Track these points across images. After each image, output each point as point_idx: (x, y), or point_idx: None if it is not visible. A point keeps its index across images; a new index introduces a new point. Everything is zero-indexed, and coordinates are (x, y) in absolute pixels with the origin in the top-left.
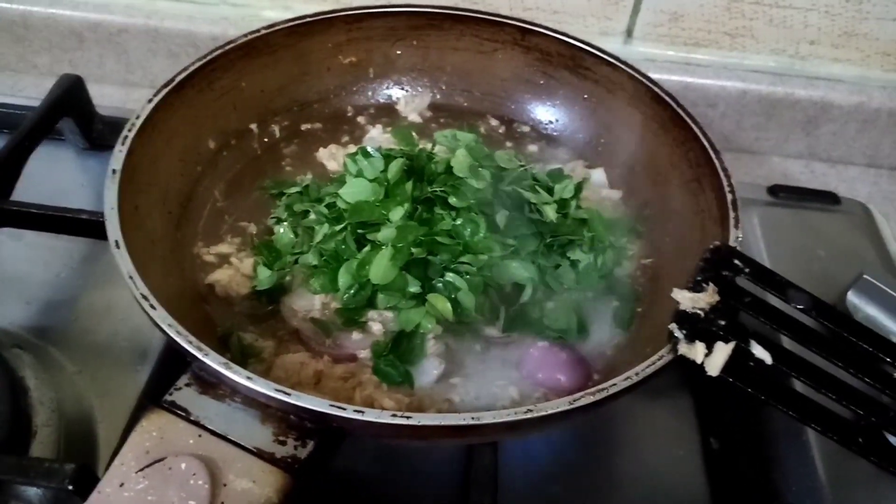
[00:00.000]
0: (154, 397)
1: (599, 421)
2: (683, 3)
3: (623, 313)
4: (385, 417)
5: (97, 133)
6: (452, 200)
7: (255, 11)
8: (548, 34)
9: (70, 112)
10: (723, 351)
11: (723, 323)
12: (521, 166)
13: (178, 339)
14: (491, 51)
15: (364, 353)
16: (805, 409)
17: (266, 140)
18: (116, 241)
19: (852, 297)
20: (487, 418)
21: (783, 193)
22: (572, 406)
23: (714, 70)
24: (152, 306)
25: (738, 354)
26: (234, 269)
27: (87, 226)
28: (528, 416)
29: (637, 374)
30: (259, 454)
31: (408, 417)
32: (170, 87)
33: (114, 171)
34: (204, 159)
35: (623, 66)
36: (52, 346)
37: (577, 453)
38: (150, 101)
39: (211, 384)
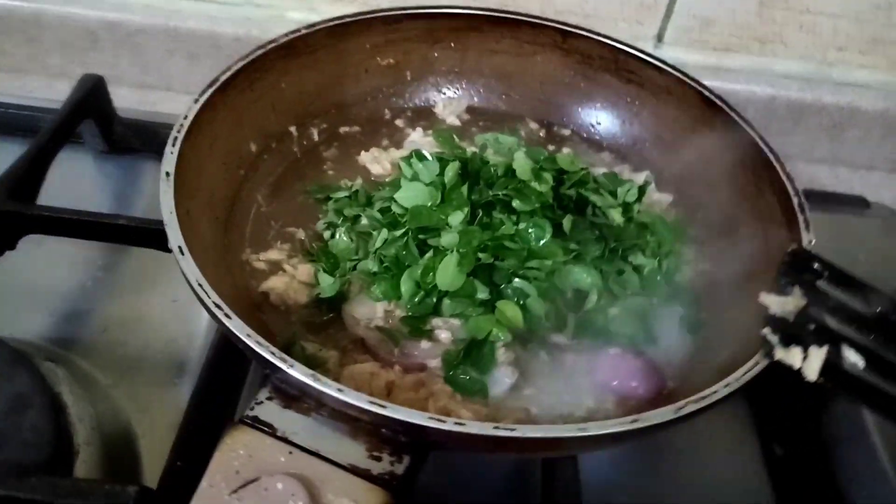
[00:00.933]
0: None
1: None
2: (715, 9)
3: (689, 320)
4: (488, 430)
5: (117, 136)
6: (516, 204)
7: (280, 13)
8: (590, 37)
9: (91, 114)
10: (818, 355)
11: (812, 327)
12: (583, 169)
13: (260, 351)
14: (531, 53)
15: (433, 363)
16: None
17: (305, 143)
18: (180, 248)
19: None
20: (594, 429)
21: (814, 198)
22: (678, 415)
23: (744, 75)
24: (227, 315)
25: (829, 359)
26: (289, 277)
27: (127, 232)
28: (635, 426)
29: (736, 379)
30: (355, 471)
31: (512, 430)
32: (215, 87)
33: (167, 174)
34: (246, 163)
35: (670, 69)
36: (82, 360)
37: (638, 464)
38: (196, 100)
39: (294, 397)
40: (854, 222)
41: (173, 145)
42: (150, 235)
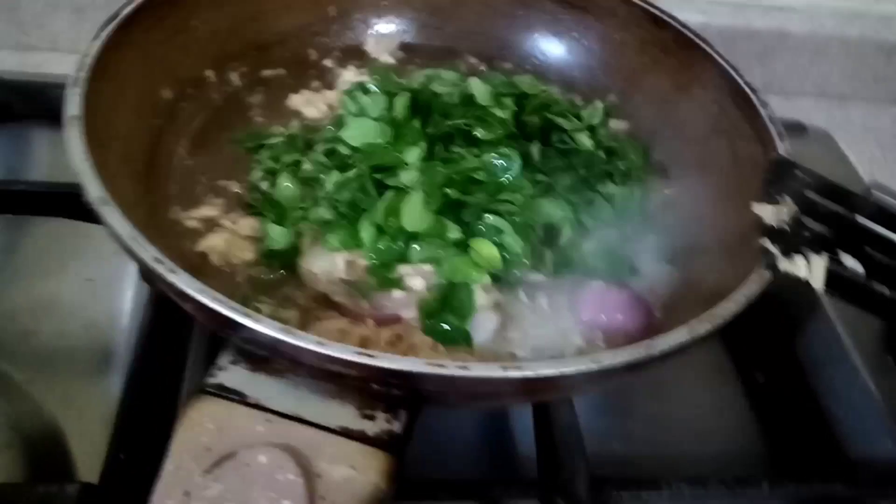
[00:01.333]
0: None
1: None
2: None
3: (666, 249)
4: (496, 371)
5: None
6: (480, 133)
7: None
8: None
9: None
10: (820, 263)
11: (808, 235)
12: (544, 90)
13: (218, 307)
14: None
15: (408, 314)
16: None
17: (226, 89)
18: (102, 198)
19: None
20: (608, 360)
21: None
22: (693, 336)
23: (675, 3)
24: (172, 270)
25: (829, 267)
26: (229, 233)
27: (29, 199)
28: (650, 352)
29: (745, 296)
30: (348, 434)
31: (519, 368)
32: (116, 23)
33: (74, 118)
34: (162, 111)
35: None
36: None
37: (620, 407)
38: (96, 37)
39: (262, 359)
40: (793, 148)
41: (76, 85)
42: (58, 201)
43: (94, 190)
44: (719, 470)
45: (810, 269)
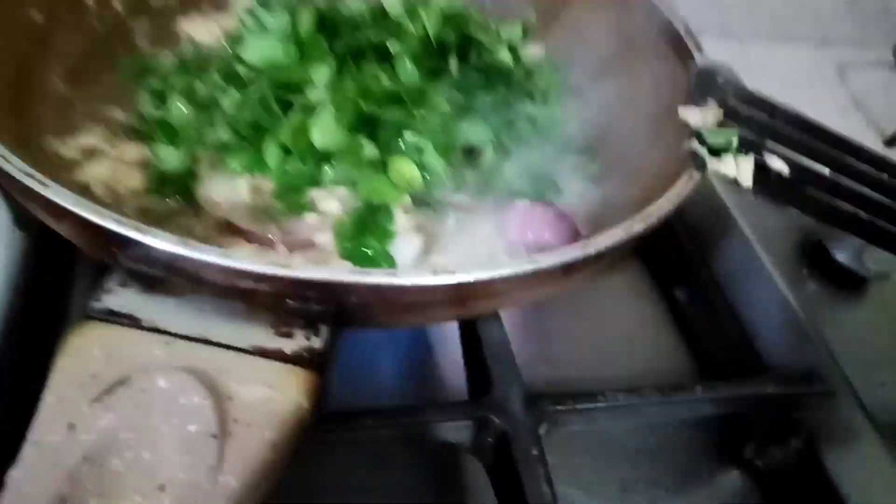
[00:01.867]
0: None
1: None
2: None
3: (587, 167)
4: (427, 278)
5: None
6: (394, 47)
7: None
8: None
9: None
10: (747, 164)
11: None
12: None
13: (103, 222)
14: None
15: (323, 238)
16: (827, 213)
17: (107, 15)
18: None
19: None
20: (546, 261)
21: None
22: (629, 234)
23: None
24: (43, 183)
25: (757, 168)
26: (112, 161)
27: None
28: (587, 252)
29: (678, 195)
30: (262, 353)
31: (453, 273)
32: None
33: None
34: (31, 35)
35: None
36: None
37: (544, 324)
38: None
39: (155, 279)
40: None
41: None
42: None
43: None
44: (648, 382)
45: (738, 168)
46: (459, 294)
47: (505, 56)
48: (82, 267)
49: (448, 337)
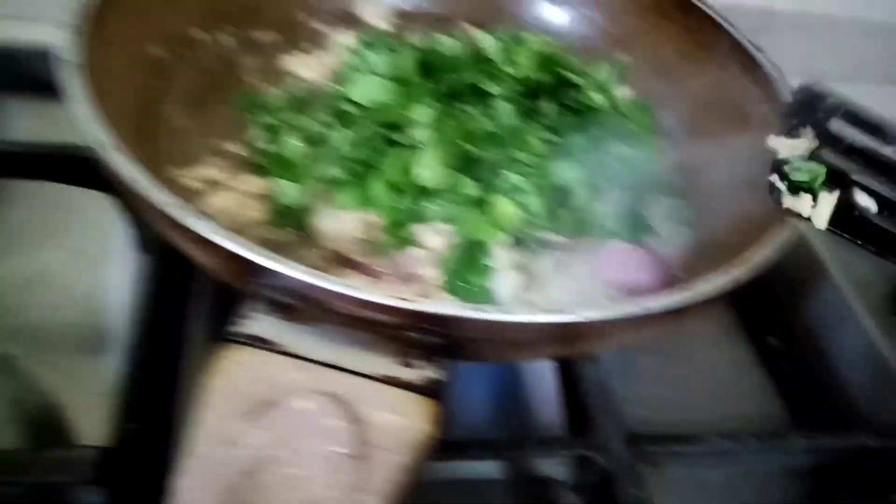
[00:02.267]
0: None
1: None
2: None
3: (679, 209)
4: (543, 317)
5: None
6: (493, 89)
7: None
8: None
9: None
10: (828, 202)
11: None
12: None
13: (245, 252)
14: None
15: (428, 272)
16: None
17: (217, 51)
18: (113, 145)
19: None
20: (655, 305)
21: None
22: (735, 281)
23: None
24: (197, 217)
25: (841, 205)
26: (236, 193)
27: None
28: (694, 298)
29: (780, 242)
30: (390, 381)
31: (563, 313)
32: None
33: (77, 66)
34: (151, 69)
35: None
36: None
37: (633, 366)
38: None
39: (289, 307)
40: None
41: (74, 33)
42: (56, 164)
43: (101, 136)
44: (741, 428)
45: (817, 207)
46: (571, 333)
47: (597, 97)
48: (199, 289)
49: (539, 372)
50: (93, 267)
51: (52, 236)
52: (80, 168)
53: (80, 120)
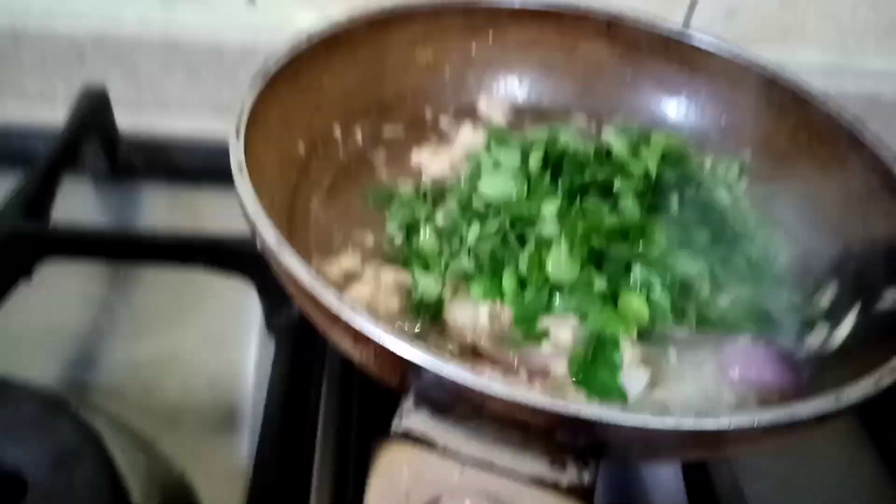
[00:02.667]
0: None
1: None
2: (738, 0)
3: (802, 308)
4: (690, 421)
5: (121, 156)
6: (620, 185)
7: (287, 18)
8: (636, 23)
9: (94, 132)
10: None
11: None
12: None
13: (406, 353)
14: (573, 44)
15: (558, 366)
16: None
17: (350, 146)
18: (279, 241)
19: None
20: (803, 412)
21: None
22: (878, 387)
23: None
24: (356, 312)
25: None
26: (374, 283)
27: (165, 248)
28: (840, 404)
29: None
30: (542, 484)
31: (715, 418)
32: (266, 78)
33: (240, 167)
34: (297, 165)
35: (723, 50)
36: (117, 406)
37: (750, 466)
38: (250, 89)
39: (446, 404)
40: None
41: (238, 137)
42: (202, 251)
43: (268, 234)
44: None
45: None
46: (716, 439)
47: (722, 195)
48: (330, 374)
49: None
50: (224, 349)
51: (186, 319)
52: (223, 255)
53: (249, 217)
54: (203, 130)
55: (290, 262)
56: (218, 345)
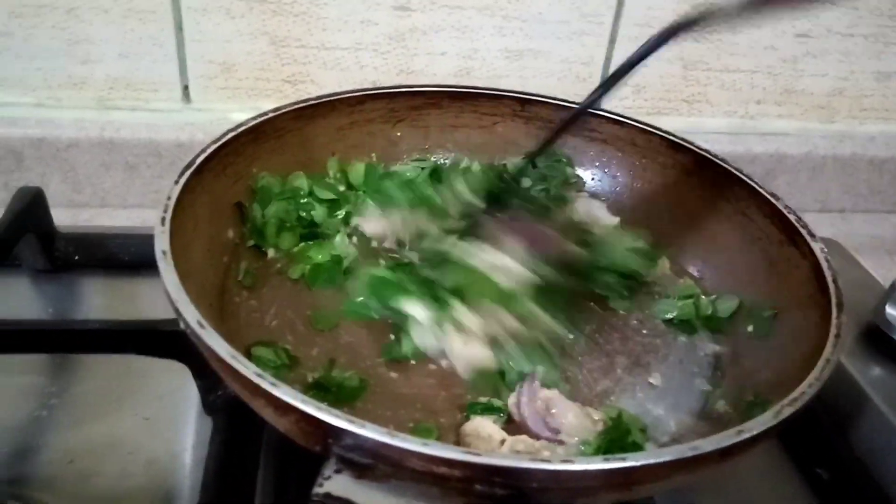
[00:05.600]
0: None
1: None
2: (645, 76)
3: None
4: (598, 464)
5: (59, 252)
6: None
7: (223, 115)
8: (548, 102)
9: (30, 230)
10: None
11: None
12: None
13: (322, 415)
14: (491, 124)
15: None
16: None
17: None
18: (200, 323)
19: (891, 310)
20: (706, 447)
21: None
22: (778, 420)
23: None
24: (274, 384)
25: None
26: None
27: (101, 337)
28: (742, 437)
29: (818, 379)
30: None
31: (623, 460)
32: (192, 170)
33: (164, 252)
34: (228, 250)
35: (632, 122)
36: (52, 498)
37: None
38: (176, 182)
39: (366, 466)
40: None
41: (163, 224)
42: (135, 338)
43: (190, 315)
44: None
45: None
46: (627, 479)
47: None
48: (267, 451)
49: None
50: (162, 432)
51: (122, 405)
52: (155, 340)
53: (172, 299)
54: (144, 221)
55: (210, 340)
56: (155, 428)
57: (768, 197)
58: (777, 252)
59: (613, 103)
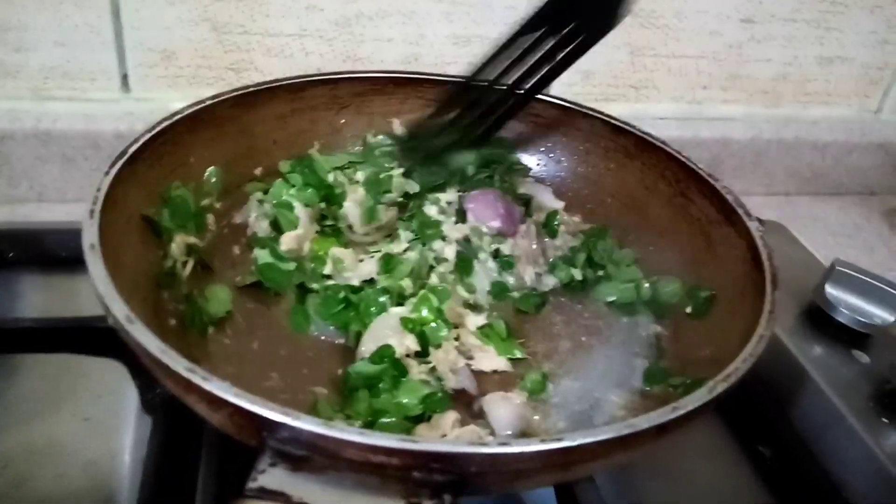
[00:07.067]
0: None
1: None
2: (593, 62)
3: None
4: (535, 445)
5: None
6: None
7: (164, 104)
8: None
9: None
10: None
11: None
12: None
13: (255, 408)
14: None
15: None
16: None
17: (223, 222)
18: (128, 317)
19: (830, 289)
20: (643, 423)
21: None
22: (712, 395)
23: (626, 120)
24: (206, 378)
25: None
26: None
27: (35, 336)
28: (679, 412)
29: (752, 354)
30: None
31: (559, 440)
32: (124, 160)
33: (92, 246)
34: (158, 245)
35: (576, 107)
36: None
37: (631, 484)
38: (106, 173)
39: (302, 458)
40: None
41: (91, 217)
42: (69, 336)
43: (118, 309)
44: None
45: None
46: (565, 459)
47: None
48: (207, 447)
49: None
50: (101, 432)
51: (59, 407)
52: (90, 338)
53: (99, 294)
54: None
55: (139, 335)
56: (95, 429)
57: (706, 178)
58: (715, 232)
59: (561, 89)
